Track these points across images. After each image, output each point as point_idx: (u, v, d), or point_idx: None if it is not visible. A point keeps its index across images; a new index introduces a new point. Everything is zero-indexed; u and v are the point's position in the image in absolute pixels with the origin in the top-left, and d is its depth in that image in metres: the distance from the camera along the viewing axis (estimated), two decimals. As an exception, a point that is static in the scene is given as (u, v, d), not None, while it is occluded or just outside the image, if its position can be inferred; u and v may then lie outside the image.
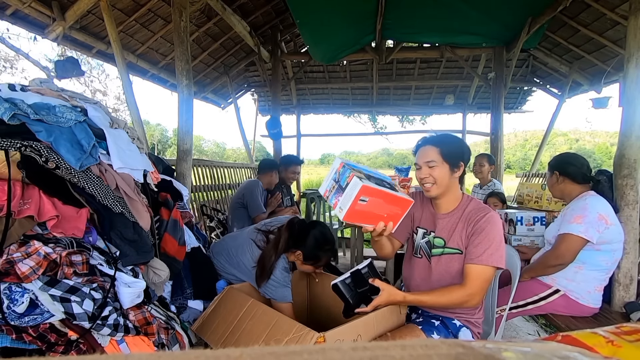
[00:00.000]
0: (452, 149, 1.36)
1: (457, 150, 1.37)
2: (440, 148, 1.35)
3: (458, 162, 1.36)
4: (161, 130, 34.07)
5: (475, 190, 3.55)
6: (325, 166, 50.81)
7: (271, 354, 0.20)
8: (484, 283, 1.28)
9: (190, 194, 2.85)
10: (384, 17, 3.85)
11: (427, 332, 1.41)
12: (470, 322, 1.45)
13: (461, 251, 1.37)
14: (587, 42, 4.19)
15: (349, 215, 1.07)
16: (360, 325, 1.30)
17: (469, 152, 1.41)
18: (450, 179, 1.36)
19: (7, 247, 1.08)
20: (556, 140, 40.64)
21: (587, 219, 1.72)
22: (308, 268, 1.77)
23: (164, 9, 3.68)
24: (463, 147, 1.40)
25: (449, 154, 1.35)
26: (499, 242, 1.29)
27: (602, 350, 0.62)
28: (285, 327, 1.25)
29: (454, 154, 1.35)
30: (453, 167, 1.35)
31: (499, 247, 1.28)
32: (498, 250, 1.28)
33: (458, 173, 1.37)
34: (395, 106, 6.66)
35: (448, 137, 1.42)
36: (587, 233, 1.71)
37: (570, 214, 1.79)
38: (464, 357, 0.21)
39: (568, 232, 1.75)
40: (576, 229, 1.73)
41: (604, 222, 1.73)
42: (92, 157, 1.36)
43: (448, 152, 1.35)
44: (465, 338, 1.41)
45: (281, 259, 1.74)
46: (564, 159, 1.95)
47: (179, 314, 1.65)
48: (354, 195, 1.03)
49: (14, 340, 1.05)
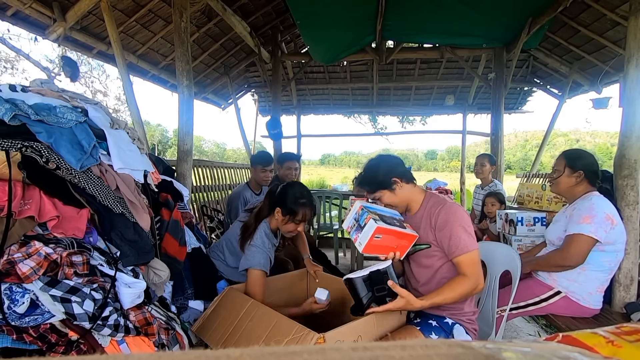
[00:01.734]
0: (370, 181, 1.48)
1: (372, 180, 1.48)
2: (364, 188, 1.51)
3: (388, 182, 1.46)
4: (161, 131, 34.08)
5: (477, 191, 3.55)
6: (325, 166, 50.81)
7: (271, 354, 0.20)
8: (477, 265, 1.37)
9: (191, 194, 2.85)
10: (384, 18, 3.86)
11: (425, 332, 1.43)
12: (462, 320, 1.47)
13: (429, 245, 1.45)
14: (588, 42, 4.19)
15: (367, 249, 1.31)
16: (361, 326, 1.30)
17: (389, 167, 1.48)
18: (397, 196, 1.48)
19: (8, 248, 1.08)
20: (556, 141, 40.62)
21: (596, 219, 1.70)
22: (289, 227, 1.78)
23: (165, 10, 3.69)
24: (378, 172, 1.47)
25: (373, 186, 1.48)
26: (465, 226, 1.37)
27: (602, 351, 0.62)
28: (285, 328, 1.25)
29: (376, 183, 1.47)
30: (390, 188, 1.47)
31: (465, 232, 1.36)
32: (468, 234, 1.36)
33: (398, 187, 1.47)
34: (396, 107, 6.66)
35: (365, 173, 1.52)
36: (597, 233, 1.69)
37: (578, 215, 1.75)
38: (464, 357, 0.21)
39: (578, 232, 1.71)
40: (586, 229, 1.69)
41: (610, 222, 1.72)
42: (93, 158, 1.36)
43: (370, 186, 1.48)
44: (459, 335, 1.45)
45: (263, 223, 1.82)
46: (591, 161, 1.85)
47: (180, 314, 1.65)
48: (370, 234, 1.28)
49: (15, 340, 1.05)
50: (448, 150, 56.94)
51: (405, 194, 1.49)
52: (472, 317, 1.49)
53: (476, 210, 3.46)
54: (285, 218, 1.76)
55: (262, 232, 1.78)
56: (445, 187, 5.19)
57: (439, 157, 56.68)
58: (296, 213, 1.75)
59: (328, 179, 20.43)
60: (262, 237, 1.76)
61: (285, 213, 1.76)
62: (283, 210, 1.76)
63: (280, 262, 2.49)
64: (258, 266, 1.68)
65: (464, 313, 1.47)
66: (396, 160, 1.53)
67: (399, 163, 1.53)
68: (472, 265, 1.35)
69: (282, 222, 1.78)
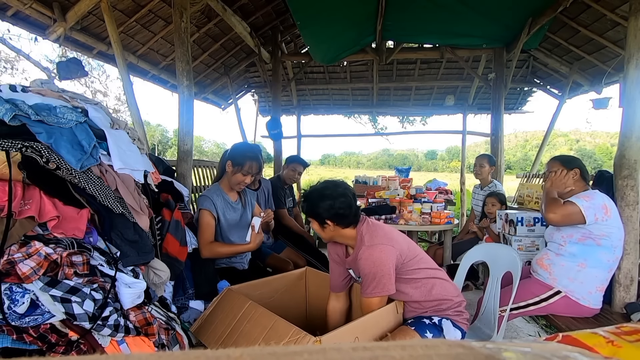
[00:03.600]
0: (310, 205, 1.49)
1: (312, 207, 1.48)
2: (306, 209, 1.53)
3: (322, 219, 1.47)
4: (162, 131, 34.11)
5: (476, 191, 3.55)
6: (325, 167, 50.82)
7: (271, 354, 0.20)
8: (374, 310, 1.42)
9: (191, 194, 2.85)
10: (384, 18, 3.86)
11: (420, 331, 1.44)
12: (447, 314, 1.50)
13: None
14: (588, 42, 4.19)
15: None
16: (358, 328, 1.30)
17: (329, 208, 1.45)
18: (324, 232, 1.51)
19: (8, 248, 1.08)
20: (557, 141, 40.63)
21: (593, 202, 1.76)
22: (238, 178, 2.04)
23: (165, 10, 3.69)
24: (317, 206, 1.46)
25: (309, 211, 1.50)
26: (374, 274, 1.39)
27: (602, 351, 0.62)
28: (282, 330, 1.25)
29: (313, 212, 1.49)
30: (321, 224, 1.49)
31: (373, 279, 1.39)
32: (375, 282, 1.39)
33: (329, 228, 1.48)
34: (396, 107, 6.66)
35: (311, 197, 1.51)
36: (587, 211, 1.74)
37: (578, 197, 1.82)
38: (464, 357, 0.21)
39: (573, 200, 1.78)
40: (581, 202, 1.76)
41: (604, 212, 1.76)
42: (93, 158, 1.36)
43: (308, 210, 1.51)
44: (448, 329, 1.47)
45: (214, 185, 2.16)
46: (581, 162, 1.98)
47: (180, 314, 1.65)
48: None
49: (15, 340, 1.05)
50: (448, 151, 56.95)
51: (333, 234, 1.51)
52: (457, 309, 1.52)
53: (475, 210, 3.47)
54: (234, 169, 2.04)
55: (211, 188, 2.12)
56: (445, 187, 5.20)
57: (439, 157, 56.71)
58: (243, 165, 2.02)
59: (328, 179, 20.32)
60: (209, 190, 2.10)
61: (234, 164, 2.04)
62: (233, 162, 2.05)
63: (281, 262, 2.49)
64: (203, 206, 2.02)
65: (447, 306, 1.50)
66: (343, 202, 1.44)
67: (344, 206, 1.44)
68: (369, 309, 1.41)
69: (232, 174, 2.05)
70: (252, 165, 2.03)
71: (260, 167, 2.12)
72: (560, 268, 1.86)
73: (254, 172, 2.06)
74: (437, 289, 1.50)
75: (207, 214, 2.00)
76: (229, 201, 2.14)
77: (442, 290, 1.51)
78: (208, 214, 2.00)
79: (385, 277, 1.38)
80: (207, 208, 2.01)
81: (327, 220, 1.46)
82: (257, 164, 2.06)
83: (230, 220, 2.12)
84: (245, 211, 2.22)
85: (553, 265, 1.89)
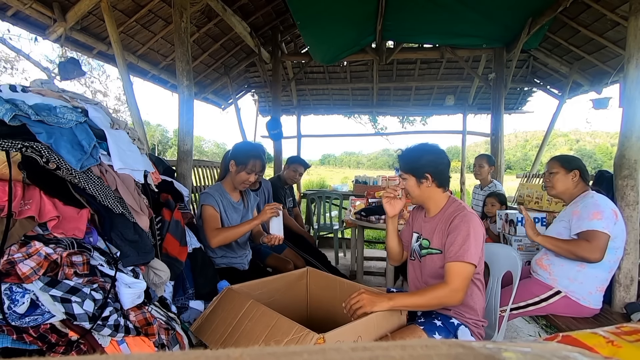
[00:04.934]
0: (408, 160, 1.50)
1: (411, 161, 1.49)
2: (400, 161, 1.54)
3: (421, 173, 1.46)
4: (162, 131, 34.09)
5: (476, 192, 3.54)
6: (325, 167, 50.81)
7: (271, 354, 0.20)
8: (464, 280, 1.32)
9: (191, 194, 2.85)
10: (384, 18, 3.86)
11: (429, 332, 1.41)
12: (467, 322, 1.45)
13: (441, 251, 1.43)
14: (588, 42, 4.19)
15: None
16: (361, 326, 1.29)
17: (432, 161, 1.46)
18: (420, 189, 1.49)
19: (8, 248, 1.08)
20: (557, 141, 40.64)
21: (605, 215, 1.72)
22: (242, 177, 2.04)
23: (165, 10, 3.69)
24: (420, 158, 1.47)
25: (407, 167, 1.50)
26: (473, 238, 1.33)
27: (602, 351, 0.62)
28: (284, 328, 1.25)
29: (411, 166, 1.49)
30: (419, 179, 1.48)
31: (472, 243, 1.32)
32: (471, 246, 1.32)
33: (426, 184, 1.46)
34: (396, 107, 6.66)
35: (410, 152, 1.52)
36: (608, 228, 1.70)
37: (586, 211, 1.75)
38: (464, 357, 0.21)
39: (593, 228, 1.70)
40: (599, 225, 1.70)
41: (614, 217, 1.74)
42: (93, 158, 1.36)
43: (405, 165, 1.50)
44: (464, 336, 1.43)
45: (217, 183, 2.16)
46: (581, 162, 1.95)
47: (180, 314, 1.65)
48: None
49: (15, 340, 1.05)
50: (448, 151, 56.82)
51: (427, 193, 1.48)
52: (478, 323, 1.48)
53: (475, 210, 3.46)
54: (238, 168, 2.03)
55: (213, 186, 2.13)
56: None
57: (439, 158, 56.49)
58: (246, 164, 2.02)
59: (328, 179, 20.40)
60: (211, 188, 2.10)
61: (238, 164, 2.04)
62: (236, 161, 2.04)
63: (281, 262, 2.50)
64: (206, 202, 2.02)
65: (471, 316, 1.46)
66: (443, 161, 1.49)
67: (445, 165, 1.49)
68: (458, 276, 1.31)
69: (235, 173, 2.04)
70: (256, 164, 2.04)
71: (263, 165, 2.12)
72: (560, 268, 1.85)
73: (257, 170, 2.06)
74: (474, 297, 1.46)
75: (210, 208, 2.00)
76: (231, 201, 2.13)
77: (478, 300, 1.47)
78: (211, 208, 2.00)
79: (477, 246, 1.33)
80: (210, 204, 2.01)
81: (427, 174, 1.44)
82: (260, 162, 2.07)
83: (232, 220, 2.11)
84: (247, 212, 2.22)
85: (553, 265, 1.88)
